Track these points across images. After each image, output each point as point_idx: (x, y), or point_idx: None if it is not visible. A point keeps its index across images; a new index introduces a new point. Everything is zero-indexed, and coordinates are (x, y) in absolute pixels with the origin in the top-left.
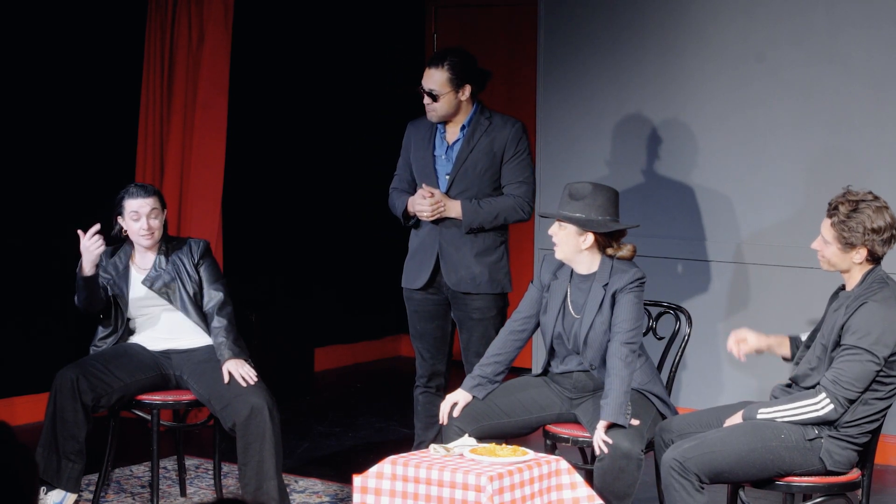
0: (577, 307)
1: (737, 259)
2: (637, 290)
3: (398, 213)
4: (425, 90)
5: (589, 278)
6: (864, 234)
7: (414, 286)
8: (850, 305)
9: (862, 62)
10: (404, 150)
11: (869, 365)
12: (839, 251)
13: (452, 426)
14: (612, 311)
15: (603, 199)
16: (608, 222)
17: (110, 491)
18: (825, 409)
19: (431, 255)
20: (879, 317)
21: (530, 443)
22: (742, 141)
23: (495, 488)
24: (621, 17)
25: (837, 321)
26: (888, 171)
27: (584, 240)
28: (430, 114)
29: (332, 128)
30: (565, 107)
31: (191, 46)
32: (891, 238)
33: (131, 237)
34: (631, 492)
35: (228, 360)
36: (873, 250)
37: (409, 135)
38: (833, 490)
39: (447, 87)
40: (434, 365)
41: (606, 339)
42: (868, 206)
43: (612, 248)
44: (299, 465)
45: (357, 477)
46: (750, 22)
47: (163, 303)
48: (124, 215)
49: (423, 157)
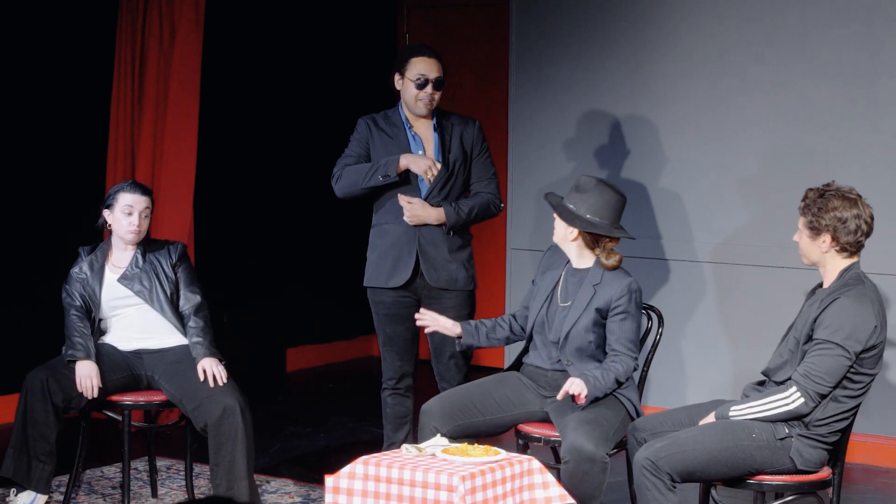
0: (565, 296)
1: (707, 258)
2: (638, 301)
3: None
4: (431, 79)
5: (581, 273)
6: (828, 220)
7: (389, 285)
8: (823, 300)
9: (832, 61)
10: (362, 141)
11: (840, 360)
12: (808, 239)
13: (428, 425)
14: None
15: (600, 200)
16: (592, 223)
17: (81, 492)
18: (796, 403)
19: (410, 253)
20: (852, 312)
21: (503, 442)
22: (712, 140)
23: (467, 488)
24: (593, 17)
25: (811, 315)
26: (859, 169)
27: (570, 233)
28: (426, 106)
29: (305, 127)
30: (537, 106)
31: (162, 45)
32: (857, 229)
33: (116, 232)
34: (597, 494)
35: (204, 358)
36: (837, 238)
37: (369, 129)
38: (804, 488)
39: (443, 76)
40: (403, 367)
41: (588, 340)
42: (837, 195)
43: (598, 251)
44: (271, 465)
45: (329, 477)
46: (721, 21)
47: (135, 302)
48: (114, 208)
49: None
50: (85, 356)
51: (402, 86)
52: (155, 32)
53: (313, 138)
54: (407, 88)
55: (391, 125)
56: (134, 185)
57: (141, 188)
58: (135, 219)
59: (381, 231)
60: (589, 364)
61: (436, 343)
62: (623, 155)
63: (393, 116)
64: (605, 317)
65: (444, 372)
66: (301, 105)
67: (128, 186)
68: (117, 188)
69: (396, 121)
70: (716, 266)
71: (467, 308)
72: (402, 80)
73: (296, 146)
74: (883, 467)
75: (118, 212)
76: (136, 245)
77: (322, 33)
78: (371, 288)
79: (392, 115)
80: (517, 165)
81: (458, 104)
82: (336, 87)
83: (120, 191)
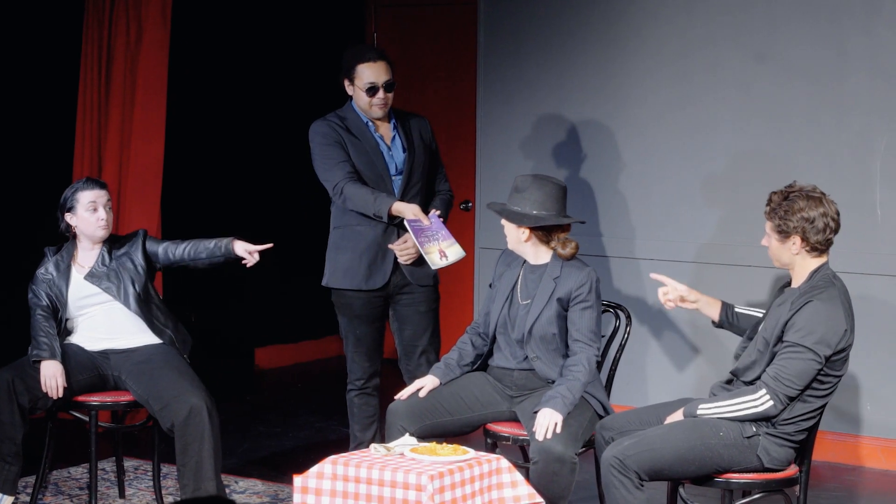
0: (525, 295)
1: (675, 257)
2: (597, 291)
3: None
4: (381, 84)
5: (540, 269)
6: (796, 222)
7: (366, 287)
8: (795, 302)
9: (800, 59)
10: (335, 144)
11: (811, 363)
12: (777, 242)
13: (396, 425)
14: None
15: (541, 194)
16: (540, 217)
17: (48, 493)
18: (765, 406)
19: (387, 254)
20: (824, 316)
21: (471, 442)
22: (681, 138)
23: (436, 487)
24: (561, 15)
25: (781, 317)
26: (826, 168)
27: (522, 234)
28: (381, 109)
29: (272, 127)
30: (505, 105)
31: (129, 45)
32: (826, 227)
33: (84, 231)
34: (566, 494)
35: (235, 242)
36: (807, 238)
37: (335, 130)
38: (771, 486)
39: (393, 77)
40: (372, 367)
41: (552, 332)
42: (800, 195)
43: (554, 243)
44: (240, 465)
45: (298, 477)
46: (689, 20)
47: (102, 301)
48: (77, 208)
49: (370, 160)
50: (50, 356)
51: (353, 92)
52: (121, 31)
53: (281, 138)
54: (359, 96)
55: (355, 127)
56: (89, 181)
57: (97, 183)
58: (101, 213)
59: (352, 233)
60: (556, 357)
61: (405, 341)
62: (591, 153)
63: (351, 117)
64: (567, 308)
65: (414, 370)
66: (268, 104)
67: (83, 184)
68: (73, 189)
69: (358, 123)
70: (683, 265)
71: (435, 302)
72: (351, 86)
73: (263, 145)
74: (849, 465)
75: (82, 211)
76: (102, 243)
77: (289, 32)
78: (339, 290)
79: (349, 116)
80: (485, 164)
81: (425, 103)
82: (303, 86)
83: (77, 191)
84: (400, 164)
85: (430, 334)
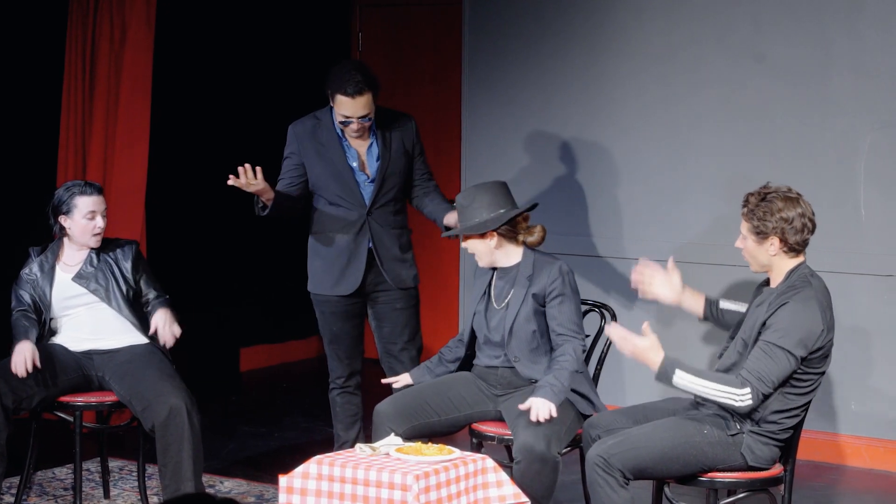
0: (500, 298)
1: (661, 256)
2: (572, 283)
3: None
4: (356, 118)
5: (512, 270)
6: (774, 223)
7: (335, 293)
8: (772, 303)
9: (784, 59)
10: (291, 154)
11: (789, 364)
12: (755, 244)
13: (383, 426)
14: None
15: (487, 197)
16: (499, 216)
17: (32, 494)
18: (744, 403)
19: (361, 258)
20: (801, 317)
21: (456, 441)
22: (664, 138)
23: (421, 487)
24: (545, 16)
25: (759, 318)
26: (810, 168)
27: (490, 241)
28: (358, 137)
29: (257, 128)
30: (490, 106)
31: (113, 45)
32: (804, 227)
33: (77, 236)
34: (549, 493)
35: (160, 310)
36: (785, 239)
37: (300, 139)
38: (756, 485)
39: (373, 105)
40: (352, 364)
41: (531, 329)
42: (777, 196)
43: (521, 236)
44: (225, 465)
45: (283, 477)
46: (673, 20)
47: (87, 301)
48: (73, 213)
49: (336, 169)
50: (24, 338)
51: (333, 106)
52: (106, 31)
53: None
54: (336, 118)
55: (326, 132)
56: (88, 186)
57: (95, 188)
58: (99, 221)
59: (327, 239)
60: (537, 357)
61: (384, 339)
62: (576, 153)
63: (325, 121)
64: (543, 304)
65: (396, 367)
66: (253, 104)
67: (83, 189)
68: (70, 192)
69: (331, 129)
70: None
71: (414, 300)
72: (332, 104)
73: (248, 146)
74: (833, 464)
75: (79, 217)
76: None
77: (275, 32)
78: (316, 294)
79: (324, 120)
80: (470, 164)
81: (410, 102)
82: (289, 86)
83: (75, 195)
84: (373, 173)
85: (409, 331)
